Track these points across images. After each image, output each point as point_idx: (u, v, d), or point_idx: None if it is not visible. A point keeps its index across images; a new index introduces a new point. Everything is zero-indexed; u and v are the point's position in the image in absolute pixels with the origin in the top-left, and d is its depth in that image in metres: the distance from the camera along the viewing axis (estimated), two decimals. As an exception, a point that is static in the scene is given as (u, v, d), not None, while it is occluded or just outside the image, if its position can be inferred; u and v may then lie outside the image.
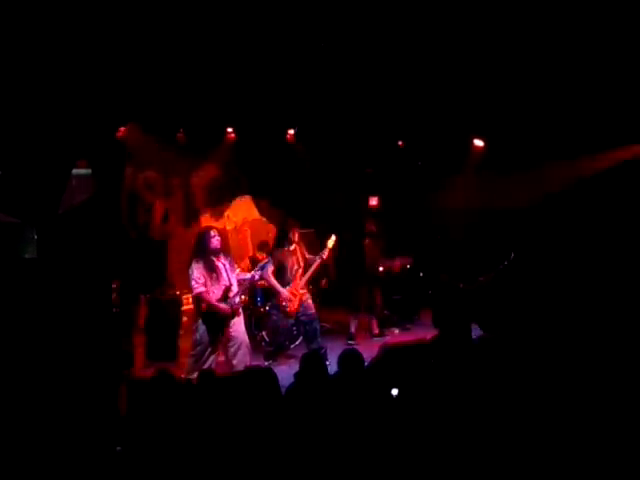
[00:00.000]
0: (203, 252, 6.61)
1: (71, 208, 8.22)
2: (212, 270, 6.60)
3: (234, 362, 6.60)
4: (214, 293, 6.57)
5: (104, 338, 6.92)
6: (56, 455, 3.76)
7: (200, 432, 3.69)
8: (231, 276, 6.71)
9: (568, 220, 8.48)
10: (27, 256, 7.48)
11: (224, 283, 6.63)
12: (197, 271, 6.53)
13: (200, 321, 6.61)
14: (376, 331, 8.77)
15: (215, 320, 6.58)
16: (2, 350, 6.10)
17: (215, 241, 6.65)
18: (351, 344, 7.92)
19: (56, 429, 4.19)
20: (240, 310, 6.83)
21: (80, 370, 5.77)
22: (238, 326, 6.73)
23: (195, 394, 4.25)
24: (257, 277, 7.15)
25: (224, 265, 6.70)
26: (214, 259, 6.65)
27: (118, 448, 3.75)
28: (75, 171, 8.39)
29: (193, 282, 6.51)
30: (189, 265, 6.62)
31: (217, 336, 6.59)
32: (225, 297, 6.61)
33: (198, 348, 6.57)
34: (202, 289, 6.51)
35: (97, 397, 5.01)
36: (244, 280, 6.93)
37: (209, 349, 6.57)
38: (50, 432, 4.14)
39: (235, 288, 6.70)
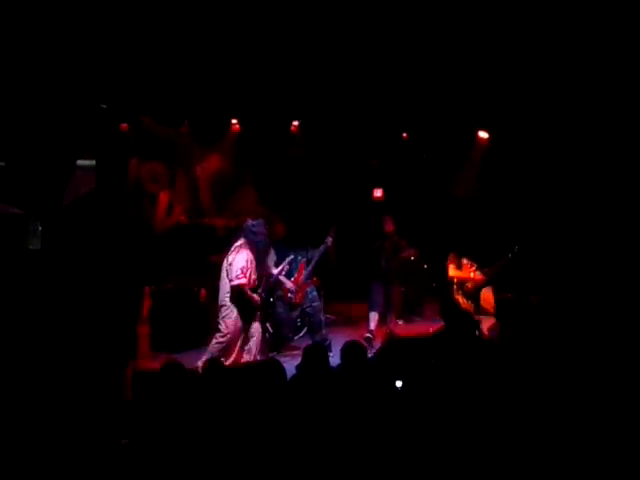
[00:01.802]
0: (257, 243, 6.58)
1: (75, 200, 8.24)
2: (252, 262, 6.59)
3: (246, 348, 6.67)
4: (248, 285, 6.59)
5: (107, 329, 6.94)
6: (61, 448, 3.78)
7: (205, 423, 3.70)
8: (254, 270, 6.72)
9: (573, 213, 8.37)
10: (31, 248, 7.52)
11: (255, 276, 6.68)
12: (244, 262, 6.47)
13: (229, 311, 6.57)
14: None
15: (250, 309, 6.62)
16: (7, 342, 6.13)
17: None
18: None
19: (61, 422, 4.20)
20: None
21: (84, 362, 5.79)
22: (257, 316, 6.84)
23: (202, 385, 4.26)
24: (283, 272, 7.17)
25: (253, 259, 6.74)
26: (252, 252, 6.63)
27: (124, 441, 3.76)
28: (79, 163, 8.41)
29: (239, 272, 6.42)
30: (232, 252, 6.54)
31: (249, 324, 6.64)
32: (256, 289, 6.67)
33: (228, 336, 6.55)
34: (244, 280, 6.46)
35: (102, 389, 5.02)
36: (272, 275, 6.93)
37: (237, 337, 6.60)
38: (55, 425, 4.16)
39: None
